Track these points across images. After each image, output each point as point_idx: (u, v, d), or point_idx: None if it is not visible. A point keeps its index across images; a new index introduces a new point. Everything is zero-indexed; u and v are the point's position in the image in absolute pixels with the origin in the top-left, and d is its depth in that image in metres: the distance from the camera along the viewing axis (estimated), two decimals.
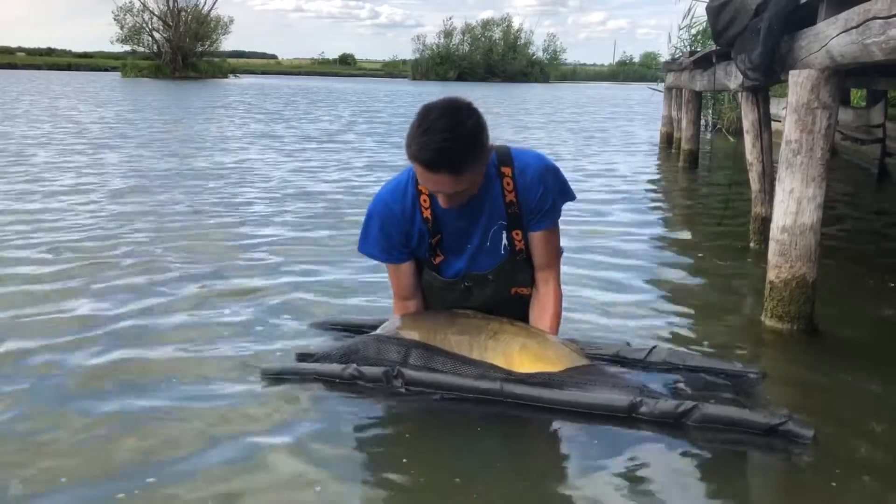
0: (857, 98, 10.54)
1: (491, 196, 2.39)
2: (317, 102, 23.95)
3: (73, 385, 2.51)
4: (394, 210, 2.44)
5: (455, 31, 70.75)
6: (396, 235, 2.46)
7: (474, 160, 2.18)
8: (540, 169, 2.42)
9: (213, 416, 2.31)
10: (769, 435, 2.13)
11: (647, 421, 2.19)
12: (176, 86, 35.73)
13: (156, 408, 2.36)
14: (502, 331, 2.41)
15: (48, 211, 5.50)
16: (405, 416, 2.34)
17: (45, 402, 2.39)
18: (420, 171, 2.20)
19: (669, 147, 11.16)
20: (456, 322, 2.47)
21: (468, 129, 2.14)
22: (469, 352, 2.38)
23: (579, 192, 3.05)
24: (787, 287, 3.11)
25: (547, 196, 2.42)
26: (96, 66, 63.52)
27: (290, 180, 7.37)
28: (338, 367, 2.48)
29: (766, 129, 4.73)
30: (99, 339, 2.92)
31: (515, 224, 2.44)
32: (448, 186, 2.19)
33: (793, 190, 3.05)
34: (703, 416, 2.16)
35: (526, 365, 2.33)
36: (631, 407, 2.20)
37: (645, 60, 49.69)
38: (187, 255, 4.27)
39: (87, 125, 13.13)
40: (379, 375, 2.41)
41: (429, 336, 2.44)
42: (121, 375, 2.59)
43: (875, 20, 2.31)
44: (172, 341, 2.92)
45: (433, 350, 2.40)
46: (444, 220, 2.44)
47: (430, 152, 2.12)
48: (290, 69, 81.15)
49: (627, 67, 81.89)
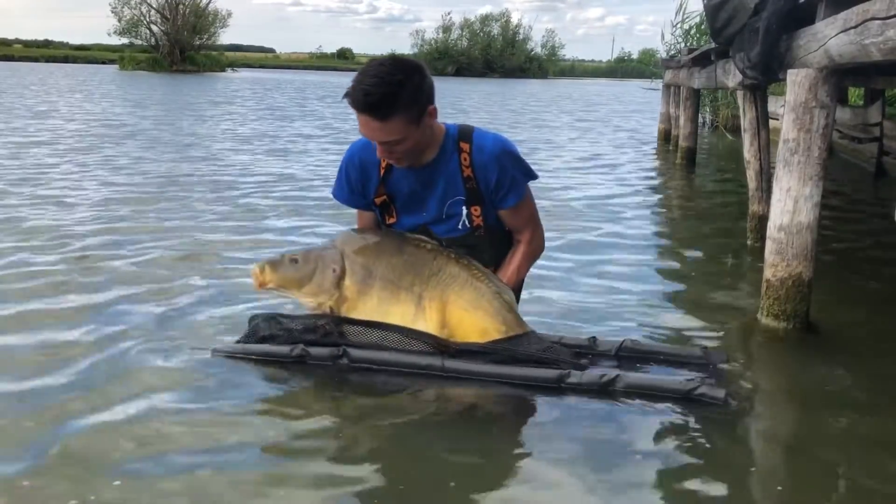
0: (855, 97, 10.55)
1: (448, 168, 2.49)
2: (324, 98, 23.84)
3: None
4: (356, 159, 2.58)
5: (453, 27, 70.83)
6: (355, 183, 2.59)
7: (400, 109, 2.26)
8: (497, 150, 2.49)
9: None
10: (686, 399, 2.34)
11: (575, 390, 2.39)
12: (173, 79, 35.65)
13: (106, 403, 2.33)
14: (446, 269, 2.49)
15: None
16: (350, 393, 2.42)
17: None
18: (357, 117, 2.32)
19: (667, 144, 11.17)
20: (404, 250, 2.52)
21: (397, 79, 2.26)
22: (410, 286, 2.48)
23: (576, 192, 3.08)
24: (783, 285, 3.12)
25: (504, 177, 2.49)
26: (93, 58, 63.37)
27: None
28: (286, 347, 2.55)
29: (763, 127, 4.74)
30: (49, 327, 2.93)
31: (474, 199, 2.51)
32: (375, 132, 2.30)
33: (790, 189, 3.06)
34: (626, 385, 2.39)
35: (459, 309, 2.46)
36: (559, 378, 2.40)
37: (643, 57, 49.64)
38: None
39: (86, 122, 13.08)
40: (325, 355, 2.50)
41: (372, 260, 2.51)
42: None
43: (874, 20, 2.32)
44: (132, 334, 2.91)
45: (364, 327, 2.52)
46: (399, 182, 2.54)
47: (356, 92, 2.26)
48: (288, 63, 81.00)
49: (626, 64, 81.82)
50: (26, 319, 3.05)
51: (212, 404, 2.33)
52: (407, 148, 2.37)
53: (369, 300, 2.50)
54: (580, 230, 5.15)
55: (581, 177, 8.02)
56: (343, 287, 2.50)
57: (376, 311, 2.50)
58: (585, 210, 5.97)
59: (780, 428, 2.35)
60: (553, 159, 9.44)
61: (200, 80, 36.91)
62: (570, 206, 6.09)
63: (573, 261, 4.15)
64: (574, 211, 5.89)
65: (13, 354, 2.69)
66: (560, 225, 5.19)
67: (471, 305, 2.48)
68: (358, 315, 2.51)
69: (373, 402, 2.37)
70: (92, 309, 3.18)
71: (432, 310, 2.47)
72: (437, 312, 2.47)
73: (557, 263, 4.10)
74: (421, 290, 2.48)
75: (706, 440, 2.20)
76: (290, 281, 2.53)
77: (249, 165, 8.00)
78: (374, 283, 2.49)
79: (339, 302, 2.51)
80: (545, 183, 7.11)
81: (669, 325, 3.22)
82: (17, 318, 3.07)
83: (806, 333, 3.11)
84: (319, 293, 2.52)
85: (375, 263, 2.50)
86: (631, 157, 10.18)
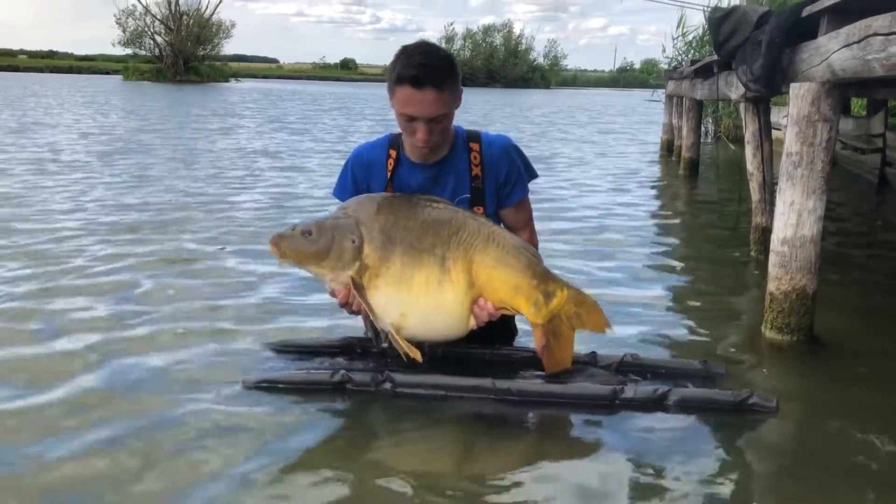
0: (858, 107, 10.56)
1: (458, 166, 2.61)
2: (331, 111, 23.88)
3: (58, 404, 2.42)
4: (363, 158, 2.67)
5: (456, 37, 71.19)
6: (361, 181, 2.64)
7: (452, 80, 2.42)
8: (506, 146, 2.66)
9: (197, 435, 2.23)
10: (738, 410, 2.38)
11: (629, 406, 2.39)
12: (177, 90, 35.76)
13: (133, 431, 2.26)
14: (466, 227, 2.39)
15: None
16: (394, 416, 2.39)
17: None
18: (405, 95, 2.38)
19: (670, 154, 11.19)
20: (419, 211, 2.41)
21: (445, 52, 2.52)
22: (431, 248, 2.35)
23: (579, 201, 3.06)
24: (787, 299, 3.12)
25: (513, 170, 2.64)
26: (97, 69, 63.64)
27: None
28: (325, 373, 2.51)
29: (766, 139, 4.75)
30: (66, 360, 2.79)
31: (477, 199, 2.60)
32: (432, 105, 2.38)
33: (793, 202, 3.06)
34: (679, 399, 2.39)
35: (486, 267, 2.35)
36: (613, 394, 2.40)
37: (645, 67, 49.78)
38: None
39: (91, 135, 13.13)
40: (368, 380, 2.46)
41: (390, 224, 2.38)
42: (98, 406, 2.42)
43: (876, 36, 2.33)
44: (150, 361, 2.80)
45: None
46: (406, 179, 2.61)
47: (413, 68, 2.35)
48: (292, 73, 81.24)
49: (628, 74, 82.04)
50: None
51: (248, 438, 2.22)
52: (445, 127, 2.48)
53: (392, 266, 2.34)
54: (580, 240, 5.15)
55: (582, 186, 8.01)
56: (363, 256, 2.35)
57: (399, 276, 2.34)
58: (586, 220, 5.97)
59: (783, 440, 2.35)
60: (556, 167, 9.45)
61: (203, 90, 37.00)
62: (570, 216, 6.09)
63: (573, 272, 4.15)
64: (575, 220, 5.89)
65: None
66: (559, 236, 5.20)
67: (498, 262, 2.36)
68: (381, 282, 2.34)
69: (414, 426, 2.34)
70: (105, 340, 3.01)
71: (457, 270, 2.35)
72: (463, 273, 2.35)
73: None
74: (443, 252, 2.35)
75: (706, 453, 2.21)
76: (306, 256, 2.36)
77: (258, 181, 8.01)
78: (394, 248, 2.35)
79: (361, 271, 2.35)
80: (546, 192, 7.13)
81: (672, 339, 3.22)
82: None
83: (810, 346, 3.10)
84: (340, 266, 2.35)
85: (394, 228, 2.37)
86: (633, 167, 10.19)
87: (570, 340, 2.48)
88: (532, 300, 2.39)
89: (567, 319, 2.43)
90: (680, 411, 2.38)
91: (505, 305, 2.39)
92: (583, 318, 2.46)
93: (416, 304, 2.34)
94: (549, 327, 2.42)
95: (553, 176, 8.70)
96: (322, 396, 2.47)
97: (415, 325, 2.36)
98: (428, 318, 2.36)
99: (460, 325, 2.39)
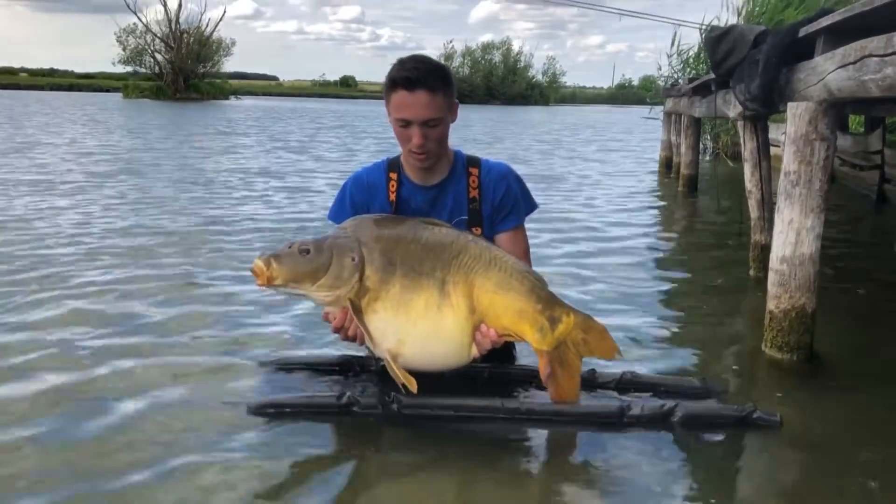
0: (856, 124, 10.60)
1: (458, 188, 2.65)
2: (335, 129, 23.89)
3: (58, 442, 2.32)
4: (362, 179, 2.71)
5: (455, 54, 71.34)
6: (360, 204, 2.65)
7: (445, 85, 2.47)
8: (504, 171, 2.71)
9: (204, 466, 2.18)
10: (743, 424, 2.41)
11: (637, 423, 2.39)
12: (179, 108, 35.81)
13: (138, 461, 2.21)
14: (467, 250, 2.32)
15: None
16: (403, 437, 2.38)
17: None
18: (399, 99, 2.44)
19: (669, 171, 11.22)
20: (421, 233, 2.35)
21: (439, 63, 2.57)
22: (431, 271, 2.28)
23: (578, 218, 3.04)
24: (786, 317, 3.12)
25: (508, 196, 2.67)
26: (98, 86, 63.84)
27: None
28: (331, 396, 2.49)
29: (764, 157, 4.76)
30: (66, 387, 2.71)
31: (475, 221, 2.63)
32: (425, 107, 2.42)
33: (792, 220, 3.07)
34: (685, 414, 2.41)
35: (488, 292, 2.29)
36: (621, 411, 2.40)
37: (643, 84, 49.98)
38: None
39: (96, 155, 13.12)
40: (374, 402, 2.44)
41: (391, 246, 2.32)
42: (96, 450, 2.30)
43: (871, 57, 2.35)
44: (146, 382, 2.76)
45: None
46: (406, 201, 2.64)
47: (406, 72, 2.42)
48: (291, 91, 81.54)
49: (626, 90, 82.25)
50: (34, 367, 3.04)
51: (249, 462, 2.20)
52: (441, 134, 2.52)
53: (392, 289, 2.27)
54: (580, 259, 5.15)
55: (582, 203, 8.03)
56: (364, 277, 2.27)
57: (398, 300, 2.27)
58: (585, 237, 5.98)
59: (783, 460, 2.34)
60: (558, 186, 9.47)
61: (204, 108, 37.06)
62: (570, 234, 6.10)
63: (571, 290, 4.15)
64: (574, 238, 5.90)
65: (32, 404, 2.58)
66: (559, 252, 5.20)
67: (500, 286, 2.30)
68: (379, 306, 2.28)
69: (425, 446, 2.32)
70: (113, 365, 2.94)
71: (458, 295, 2.28)
72: (463, 297, 2.28)
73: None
74: (444, 275, 2.28)
75: (705, 472, 2.21)
76: (302, 274, 2.25)
77: (259, 202, 7.99)
78: (395, 270, 2.28)
79: (360, 294, 2.27)
80: (548, 209, 7.14)
81: (671, 357, 3.21)
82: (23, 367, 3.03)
83: (810, 365, 3.10)
84: (338, 285, 2.26)
85: (395, 250, 2.30)
86: (632, 184, 10.22)
87: (576, 369, 2.40)
88: (537, 326, 2.31)
89: (574, 346, 2.35)
90: (686, 427, 2.39)
91: (508, 332, 2.32)
92: (591, 345, 2.38)
93: (414, 330, 2.27)
94: (554, 354, 2.34)
95: (555, 194, 8.71)
96: (327, 419, 2.44)
97: (412, 352, 2.28)
98: (426, 345, 2.29)
99: (461, 353, 2.32)
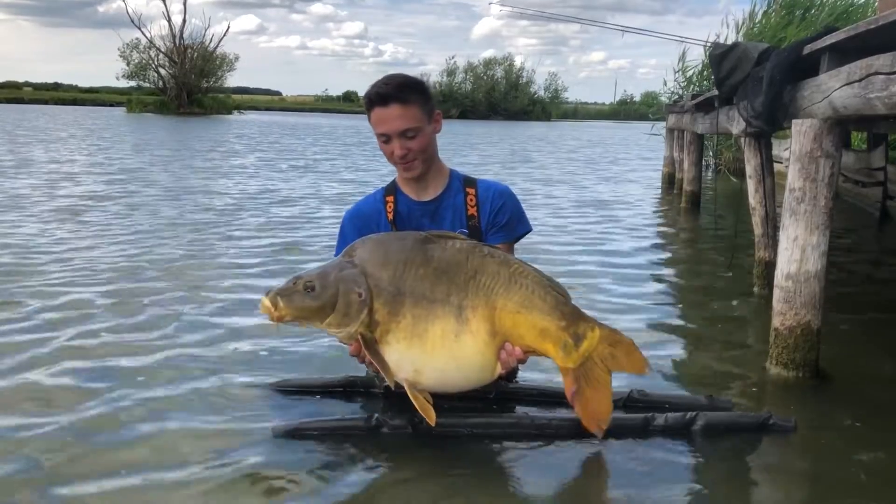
0: (858, 141, 10.61)
1: (456, 202, 2.70)
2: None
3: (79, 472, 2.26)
4: (362, 209, 2.78)
5: (458, 70, 71.52)
6: (363, 231, 2.63)
7: (418, 96, 2.54)
8: (502, 190, 2.77)
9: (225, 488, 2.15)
10: (760, 430, 2.52)
11: (662, 433, 2.46)
12: (182, 123, 35.88)
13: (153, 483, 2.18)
14: (484, 268, 2.21)
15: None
16: (426, 452, 2.36)
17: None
18: (376, 116, 2.53)
19: (671, 187, 11.22)
20: (431, 255, 2.23)
21: (411, 76, 2.64)
22: (445, 297, 2.18)
23: (581, 234, 3.04)
24: (791, 334, 3.11)
25: (502, 213, 2.70)
26: (102, 101, 64.18)
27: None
28: (360, 418, 2.48)
29: (768, 174, 4.76)
30: (78, 407, 2.70)
31: (474, 237, 2.61)
32: (399, 119, 2.50)
33: (797, 237, 3.07)
34: (706, 423, 2.49)
35: (511, 313, 2.20)
36: (645, 422, 2.47)
37: (645, 100, 50.16)
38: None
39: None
40: (405, 423, 2.41)
41: (399, 273, 2.21)
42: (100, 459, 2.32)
43: (877, 75, 2.35)
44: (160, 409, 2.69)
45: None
46: (405, 220, 2.69)
47: (378, 87, 2.53)
48: (294, 106, 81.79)
49: (628, 106, 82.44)
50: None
51: (280, 490, 2.16)
52: (422, 145, 2.56)
53: (403, 320, 2.17)
54: (583, 275, 5.15)
55: (584, 220, 8.04)
56: (373, 311, 2.18)
57: (411, 331, 2.17)
58: (588, 254, 5.97)
59: (790, 476, 2.34)
60: (558, 200, 9.48)
61: (207, 122, 37.14)
62: (572, 250, 6.10)
63: (575, 302, 4.14)
64: (577, 255, 5.89)
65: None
66: (562, 270, 5.19)
67: (522, 306, 2.19)
68: (391, 338, 2.19)
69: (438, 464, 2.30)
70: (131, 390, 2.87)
71: (477, 319, 2.17)
72: (483, 322, 2.17)
73: None
74: (460, 301, 2.17)
75: (710, 490, 2.19)
76: (309, 312, 2.18)
77: (265, 222, 7.97)
78: (404, 300, 2.18)
79: (372, 327, 2.19)
80: (548, 224, 7.15)
81: (677, 374, 3.21)
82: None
83: (816, 382, 3.09)
84: (346, 323, 2.19)
85: (403, 276, 2.19)
86: (635, 201, 10.22)
87: (606, 385, 2.28)
88: (560, 343, 2.23)
89: (601, 362, 2.27)
90: (706, 436, 2.47)
91: (532, 350, 2.26)
92: (619, 360, 2.28)
93: (430, 361, 2.18)
94: (580, 371, 2.25)
95: (554, 209, 8.72)
96: (348, 440, 2.40)
97: (431, 381, 2.22)
98: (445, 374, 2.22)
99: (483, 376, 2.25)
